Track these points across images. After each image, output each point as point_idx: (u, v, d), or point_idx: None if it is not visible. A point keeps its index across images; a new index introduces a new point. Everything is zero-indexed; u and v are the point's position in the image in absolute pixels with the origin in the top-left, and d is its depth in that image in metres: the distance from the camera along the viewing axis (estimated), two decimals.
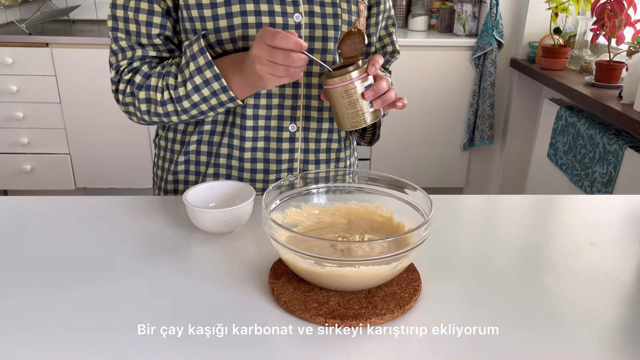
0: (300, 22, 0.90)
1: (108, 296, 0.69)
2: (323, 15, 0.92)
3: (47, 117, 2.68)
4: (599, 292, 0.71)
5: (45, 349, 0.59)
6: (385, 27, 1.09)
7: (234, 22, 0.88)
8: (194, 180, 1.02)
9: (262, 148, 0.97)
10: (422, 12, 2.93)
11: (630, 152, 1.74)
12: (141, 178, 2.81)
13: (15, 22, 2.72)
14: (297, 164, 1.00)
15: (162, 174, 1.06)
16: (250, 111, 0.94)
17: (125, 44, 0.91)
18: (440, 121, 2.81)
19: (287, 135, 0.97)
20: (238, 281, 0.72)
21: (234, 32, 0.88)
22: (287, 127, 0.97)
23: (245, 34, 0.88)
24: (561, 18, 2.39)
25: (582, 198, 1.02)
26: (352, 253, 0.70)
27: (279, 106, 0.95)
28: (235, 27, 0.88)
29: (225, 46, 0.90)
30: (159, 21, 0.90)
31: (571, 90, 2.04)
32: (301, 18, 0.90)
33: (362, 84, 0.85)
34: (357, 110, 0.86)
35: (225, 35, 0.89)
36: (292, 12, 0.90)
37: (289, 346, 0.60)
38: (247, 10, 0.87)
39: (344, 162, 1.08)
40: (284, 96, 0.94)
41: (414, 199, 0.75)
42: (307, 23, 0.91)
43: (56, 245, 0.80)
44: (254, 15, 0.88)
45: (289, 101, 0.95)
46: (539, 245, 0.84)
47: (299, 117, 0.97)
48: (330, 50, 0.94)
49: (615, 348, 0.61)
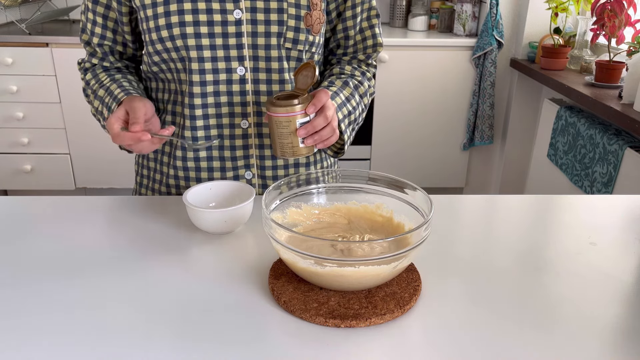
0: (240, 19, 0.90)
1: (108, 296, 0.69)
2: (267, 11, 0.91)
3: (47, 117, 2.67)
4: (599, 292, 0.71)
5: (45, 348, 0.59)
6: (367, 18, 1.05)
7: (172, 21, 0.89)
8: (166, 172, 1.04)
9: (216, 146, 0.98)
10: (422, 12, 2.93)
11: (630, 152, 1.74)
12: None
13: (15, 22, 2.72)
14: (254, 160, 1.00)
15: (138, 168, 1.11)
16: (199, 111, 0.95)
17: (86, 47, 1.04)
18: (440, 121, 2.81)
19: (240, 132, 0.98)
20: (238, 281, 0.72)
21: (172, 30, 0.90)
22: (239, 123, 0.97)
23: (183, 32, 0.90)
24: (561, 18, 2.39)
25: (582, 198, 1.02)
26: (352, 253, 0.70)
27: (228, 104, 0.96)
28: (173, 26, 0.89)
29: (166, 44, 0.91)
30: (100, 31, 1.00)
31: (571, 90, 2.04)
32: (242, 14, 0.90)
33: (300, 119, 0.86)
34: (289, 142, 0.88)
35: (164, 34, 0.90)
36: (232, 9, 0.90)
37: (289, 346, 0.60)
38: (185, 8, 0.89)
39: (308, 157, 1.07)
40: (232, 93, 0.95)
41: (414, 199, 0.75)
42: (248, 19, 0.91)
43: (56, 245, 0.80)
44: (191, 14, 0.89)
45: (237, 98, 0.96)
46: (539, 245, 0.84)
47: (250, 112, 0.97)
48: (273, 45, 0.93)
49: (615, 348, 0.61)
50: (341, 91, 0.99)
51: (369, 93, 1.07)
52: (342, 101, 0.98)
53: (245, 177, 1.01)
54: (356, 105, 1.02)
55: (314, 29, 0.96)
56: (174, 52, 0.92)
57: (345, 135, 0.99)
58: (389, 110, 2.76)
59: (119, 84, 0.97)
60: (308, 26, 0.94)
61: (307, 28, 0.94)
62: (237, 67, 0.93)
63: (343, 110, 0.97)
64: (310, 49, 0.98)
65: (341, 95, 0.98)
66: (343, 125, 0.97)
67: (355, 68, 1.07)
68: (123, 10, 0.96)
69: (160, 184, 1.05)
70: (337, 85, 1.00)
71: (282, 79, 0.96)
